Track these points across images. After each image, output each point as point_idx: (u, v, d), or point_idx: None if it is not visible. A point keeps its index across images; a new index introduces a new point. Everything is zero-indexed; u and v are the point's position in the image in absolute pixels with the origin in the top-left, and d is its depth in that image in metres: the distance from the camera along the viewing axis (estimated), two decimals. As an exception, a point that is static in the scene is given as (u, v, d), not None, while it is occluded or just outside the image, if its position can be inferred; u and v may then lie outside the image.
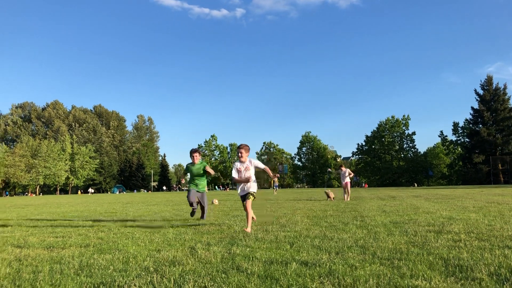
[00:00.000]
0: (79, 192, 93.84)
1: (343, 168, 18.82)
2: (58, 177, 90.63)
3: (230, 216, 10.22)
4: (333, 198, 18.55)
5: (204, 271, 3.96)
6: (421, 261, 4.14)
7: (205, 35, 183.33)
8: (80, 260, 4.68)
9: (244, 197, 7.27)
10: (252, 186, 7.28)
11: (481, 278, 3.42)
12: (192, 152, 9.53)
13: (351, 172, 18.84)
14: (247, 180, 7.22)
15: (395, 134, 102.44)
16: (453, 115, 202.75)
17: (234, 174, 7.41)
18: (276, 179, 36.81)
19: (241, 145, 7.49)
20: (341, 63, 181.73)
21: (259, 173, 7.69)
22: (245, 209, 7.19)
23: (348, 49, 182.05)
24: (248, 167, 7.28)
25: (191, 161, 9.50)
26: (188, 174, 9.60)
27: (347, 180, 18.28)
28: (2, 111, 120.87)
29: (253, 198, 7.21)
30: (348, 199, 17.69)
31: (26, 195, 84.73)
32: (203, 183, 9.62)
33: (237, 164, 7.43)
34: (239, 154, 7.36)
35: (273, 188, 37.46)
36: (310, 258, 4.40)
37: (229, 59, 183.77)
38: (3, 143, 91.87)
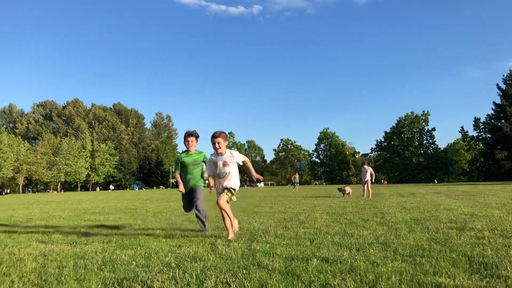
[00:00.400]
0: (97, 189, 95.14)
1: (366, 166, 18.67)
2: (79, 174, 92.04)
3: (249, 213, 10.24)
4: (349, 194, 18.38)
5: (225, 267, 3.98)
6: (444, 258, 4.09)
7: (223, 32, 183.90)
8: (103, 255, 4.75)
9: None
10: (233, 181, 5.89)
11: (507, 275, 3.36)
12: (187, 136, 6.75)
13: (373, 172, 18.54)
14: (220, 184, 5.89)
15: (415, 130, 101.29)
16: (474, 111, 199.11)
17: (209, 171, 6.07)
18: (297, 175, 36.56)
19: (215, 133, 5.83)
20: (360, 59, 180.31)
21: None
22: (221, 209, 5.79)
23: (367, 45, 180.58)
24: (226, 162, 5.86)
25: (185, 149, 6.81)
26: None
27: (368, 178, 17.95)
28: (24, 109, 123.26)
29: (230, 195, 5.84)
30: (370, 196, 17.34)
31: (48, 191, 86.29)
32: (197, 175, 6.95)
33: (214, 158, 5.96)
34: (216, 145, 5.78)
35: (294, 185, 37.14)
36: (331, 255, 4.38)
37: (247, 56, 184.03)
38: (25, 141, 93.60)
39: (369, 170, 18.28)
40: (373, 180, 18.77)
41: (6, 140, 75.18)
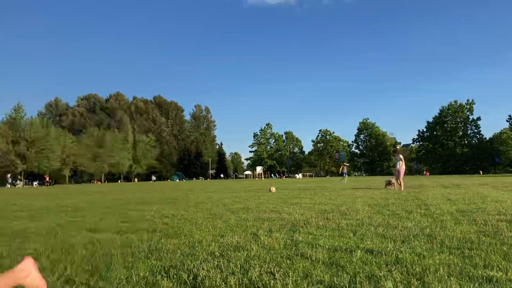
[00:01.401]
0: (135, 179, 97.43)
1: (399, 154, 17.31)
2: (122, 166, 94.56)
3: (289, 204, 10.24)
4: (393, 185, 16.92)
5: (269, 257, 4.00)
6: (494, 251, 3.96)
7: (260, 23, 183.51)
8: (149, 244, 4.88)
9: None
10: None
11: None
12: None
13: (402, 159, 16.93)
14: None
15: (458, 120, 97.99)
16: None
17: None
18: (345, 167, 35.46)
19: None
20: (402, 47, 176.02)
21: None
22: None
23: (410, 32, 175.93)
24: None
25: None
26: None
27: (400, 167, 16.63)
28: (70, 103, 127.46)
29: None
30: (402, 189, 15.72)
31: (93, 182, 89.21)
32: None
33: None
34: None
35: (343, 175, 35.91)
36: (375, 246, 4.33)
37: (284, 46, 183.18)
38: (70, 133, 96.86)
39: (402, 158, 16.98)
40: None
41: (53, 132, 78.09)
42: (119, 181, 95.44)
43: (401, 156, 17.06)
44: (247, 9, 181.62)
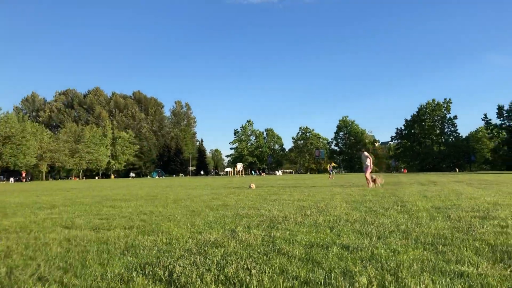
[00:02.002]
0: (112, 176, 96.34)
1: (365, 152, 17.86)
2: (100, 162, 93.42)
3: (268, 201, 10.26)
4: (375, 181, 16.59)
5: (246, 253, 4.01)
6: (466, 246, 4.05)
7: (241, 20, 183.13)
8: (125, 241, 4.83)
9: None
10: None
11: (532, 265, 3.31)
12: None
13: (370, 157, 17.36)
14: None
15: (436, 118, 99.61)
16: (497, 98, 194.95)
17: None
18: (333, 163, 35.56)
19: None
20: (380, 45, 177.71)
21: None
22: None
23: (388, 31, 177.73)
24: None
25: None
26: None
27: (366, 164, 17.10)
28: (47, 98, 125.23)
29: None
30: (372, 186, 16.12)
31: (70, 179, 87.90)
32: None
33: None
34: None
35: (330, 173, 35.91)
36: (351, 242, 4.38)
37: (265, 44, 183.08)
38: (48, 128, 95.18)
39: (367, 155, 17.40)
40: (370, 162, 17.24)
41: (29, 128, 76.60)
42: (96, 177, 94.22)
43: (366, 154, 17.56)
44: (228, 5, 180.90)
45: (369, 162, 17.15)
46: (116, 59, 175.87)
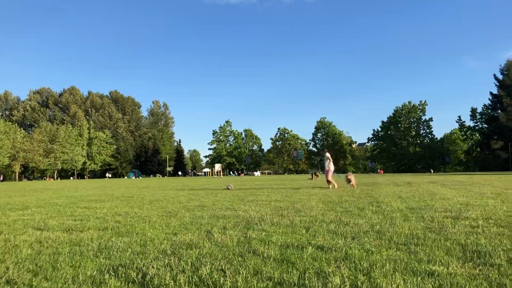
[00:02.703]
0: (85, 176, 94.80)
1: (327, 153, 17.30)
2: (75, 162, 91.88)
3: (245, 201, 10.26)
4: (350, 183, 16.22)
5: (221, 254, 4.00)
6: (438, 246, 4.12)
7: (221, 20, 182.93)
8: (99, 242, 4.76)
9: None
10: None
11: (500, 264, 3.39)
12: None
13: (330, 158, 16.97)
14: None
15: (412, 120, 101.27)
16: (471, 101, 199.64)
17: None
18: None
19: None
20: (357, 47, 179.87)
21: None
22: None
23: (365, 33, 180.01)
24: None
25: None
26: None
27: (327, 166, 16.66)
28: (21, 96, 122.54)
29: None
30: (330, 188, 15.93)
31: (45, 179, 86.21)
32: None
33: None
34: None
35: (312, 174, 34.93)
36: (326, 243, 4.41)
37: (244, 44, 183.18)
38: (21, 128, 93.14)
39: (329, 157, 16.95)
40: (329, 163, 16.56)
41: (2, 127, 74.86)
42: (71, 178, 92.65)
43: (328, 155, 17.11)
44: (206, 5, 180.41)
45: (328, 164, 16.66)
46: (93, 58, 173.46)
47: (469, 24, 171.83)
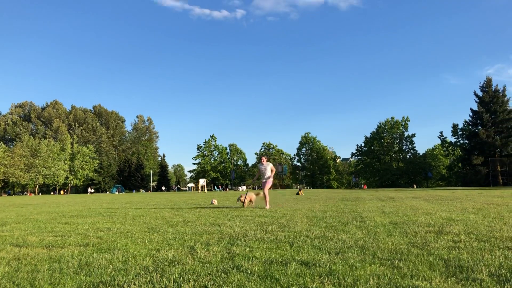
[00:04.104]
0: (61, 192, 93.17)
1: (265, 161, 14.18)
2: (58, 177, 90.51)
3: (229, 217, 10.20)
4: (250, 201, 14.40)
5: (204, 270, 3.95)
6: (421, 261, 4.14)
7: (206, 36, 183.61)
8: (80, 259, 4.67)
9: None
10: None
11: (482, 278, 3.41)
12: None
13: (273, 168, 14.04)
14: None
15: (395, 136, 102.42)
16: (452, 117, 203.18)
17: None
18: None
19: None
20: (341, 64, 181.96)
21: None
22: None
23: (348, 50, 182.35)
24: None
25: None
26: None
27: (269, 178, 13.94)
28: (2, 110, 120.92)
29: None
30: (268, 206, 13.60)
31: (25, 194, 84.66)
32: None
33: None
34: None
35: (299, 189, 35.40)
36: (310, 258, 4.39)
37: (229, 60, 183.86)
38: (2, 142, 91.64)
39: (269, 166, 14.01)
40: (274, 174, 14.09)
41: (-18, 141, 73.63)
42: (52, 193, 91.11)
43: (270, 165, 14.16)
44: (191, 20, 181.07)
45: (270, 174, 13.92)
46: (76, 72, 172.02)
47: (449, 40, 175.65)
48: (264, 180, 14.01)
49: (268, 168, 13.94)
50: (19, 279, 3.76)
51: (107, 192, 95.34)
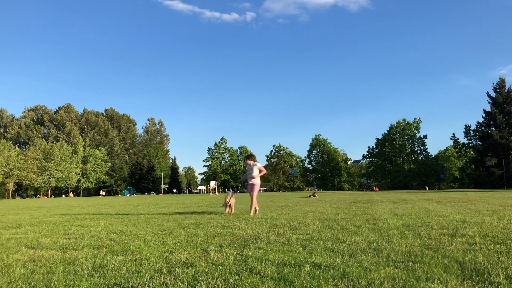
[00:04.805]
0: (70, 194, 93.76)
1: (251, 162, 11.85)
2: (70, 180, 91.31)
3: (241, 219, 10.20)
4: (230, 206, 12.36)
5: (217, 273, 3.95)
6: (436, 264, 4.09)
7: (216, 39, 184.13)
8: (93, 261, 4.69)
9: None
10: None
11: (499, 281, 3.37)
12: None
13: (262, 169, 11.91)
14: None
15: (406, 137, 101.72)
16: (465, 118, 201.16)
17: None
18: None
19: None
20: (352, 66, 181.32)
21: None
22: None
23: (359, 52, 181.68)
24: None
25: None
26: None
27: (255, 180, 11.78)
28: (15, 114, 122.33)
29: None
30: (254, 213, 11.65)
31: (38, 197, 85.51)
32: None
33: None
34: None
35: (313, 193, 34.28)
36: (323, 261, 4.37)
37: (240, 63, 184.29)
38: (16, 145, 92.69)
39: (256, 166, 11.79)
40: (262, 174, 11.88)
41: (-4, 145, 74.55)
42: (63, 196, 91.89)
43: (258, 165, 11.89)
44: (203, 24, 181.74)
45: (257, 175, 11.78)
46: (88, 76, 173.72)
47: (461, 41, 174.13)
48: (250, 182, 11.82)
49: (255, 169, 11.73)
50: (35, 281, 3.80)
51: (119, 195, 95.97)
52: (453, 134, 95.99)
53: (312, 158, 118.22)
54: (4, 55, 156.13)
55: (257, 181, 11.84)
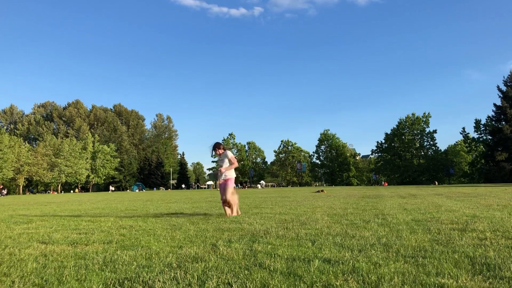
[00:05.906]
0: (76, 190, 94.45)
1: (221, 151, 9.82)
2: (79, 175, 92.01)
3: (249, 214, 10.22)
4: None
5: (227, 267, 3.96)
6: (446, 259, 4.08)
7: (224, 35, 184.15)
8: (104, 256, 4.73)
9: None
10: None
11: (510, 276, 3.35)
12: None
13: (234, 160, 9.75)
14: None
15: (416, 132, 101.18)
16: (475, 112, 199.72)
17: None
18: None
19: None
20: (361, 60, 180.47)
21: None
22: None
23: (368, 46, 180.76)
24: None
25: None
26: None
27: (229, 174, 9.65)
28: (25, 110, 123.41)
29: None
30: (234, 213, 9.65)
31: (48, 192, 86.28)
32: None
33: None
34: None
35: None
36: (332, 256, 4.37)
37: (247, 58, 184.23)
38: (26, 141, 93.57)
39: (228, 155, 9.76)
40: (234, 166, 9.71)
41: (6, 141, 75.15)
42: (71, 191, 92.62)
43: (230, 155, 9.83)
44: (210, 19, 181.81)
45: (229, 167, 9.68)
46: (97, 72, 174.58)
47: (471, 36, 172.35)
48: (222, 178, 9.65)
49: (226, 160, 9.66)
50: (47, 275, 3.84)
51: (128, 190, 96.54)
52: (463, 128, 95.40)
53: (320, 153, 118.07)
54: (15, 53, 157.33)
55: (232, 174, 9.68)
